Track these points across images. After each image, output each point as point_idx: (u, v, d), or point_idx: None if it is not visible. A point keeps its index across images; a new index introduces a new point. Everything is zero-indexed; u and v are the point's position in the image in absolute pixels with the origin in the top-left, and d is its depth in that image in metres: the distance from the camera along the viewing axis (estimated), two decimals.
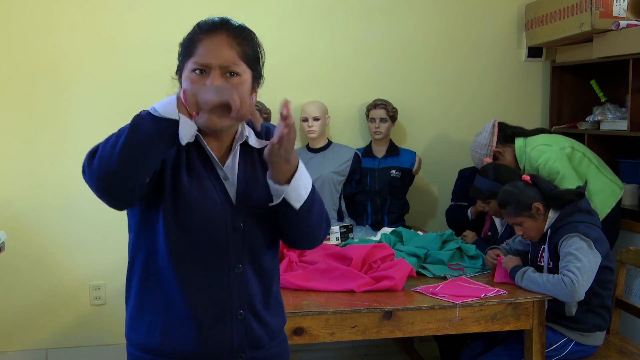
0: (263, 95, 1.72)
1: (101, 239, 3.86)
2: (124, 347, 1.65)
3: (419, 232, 3.36)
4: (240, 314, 1.56)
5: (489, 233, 3.44)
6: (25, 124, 3.79)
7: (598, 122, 3.82)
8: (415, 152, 4.00)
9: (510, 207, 2.84)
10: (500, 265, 2.83)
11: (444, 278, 2.83)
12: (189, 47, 1.52)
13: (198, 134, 1.53)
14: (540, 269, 2.80)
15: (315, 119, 3.84)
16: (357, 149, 3.98)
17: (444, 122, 4.22)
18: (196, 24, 1.56)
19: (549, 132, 3.68)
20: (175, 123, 1.34)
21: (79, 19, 3.79)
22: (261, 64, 1.60)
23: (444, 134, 4.23)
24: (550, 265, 2.78)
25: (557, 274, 2.63)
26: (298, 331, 2.45)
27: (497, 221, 3.39)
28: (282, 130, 1.39)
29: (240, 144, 1.58)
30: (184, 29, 1.60)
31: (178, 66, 1.56)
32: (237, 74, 1.51)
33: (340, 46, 4.08)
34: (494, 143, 3.51)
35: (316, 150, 3.90)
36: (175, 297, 1.53)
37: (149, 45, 3.82)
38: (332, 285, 2.65)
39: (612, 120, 3.72)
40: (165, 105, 1.35)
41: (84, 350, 3.92)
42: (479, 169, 3.42)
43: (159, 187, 1.50)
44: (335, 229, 3.39)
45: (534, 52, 4.24)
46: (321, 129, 3.86)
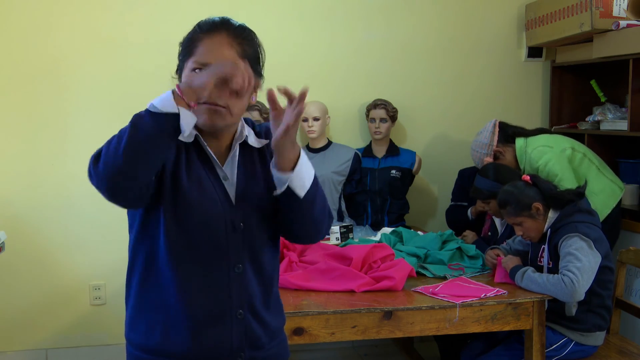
0: (263, 95, 1.72)
1: (101, 239, 3.86)
2: (123, 347, 1.65)
3: (419, 232, 3.36)
4: (239, 314, 1.56)
5: (489, 233, 3.44)
6: (25, 124, 3.79)
7: (598, 122, 3.82)
8: (415, 152, 4.00)
9: (510, 207, 2.85)
10: (500, 266, 2.83)
11: (444, 278, 2.83)
12: (189, 46, 1.52)
13: (197, 133, 1.53)
14: (540, 269, 2.80)
15: (315, 119, 3.84)
16: (357, 149, 3.98)
17: (444, 122, 4.22)
18: (196, 24, 1.56)
19: (550, 132, 3.68)
20: (175, 116, 1.34)
21: (79, 19, 3.79)
22: (261, 63, 1.60)
23: (444, 134, 4.23)
24: (550, 265, 2.78)
25: (557, 274, 2.64)
26: (298, 331, 2.45)
27: (497, 221, 3.39)
28: (292, 118, 1.41)
29: (240, 143, 1.59)
30: (184, 29, 1.60)
31: (178, 65, 1.56)
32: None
33: (340, 46, 4.08)
34: (495, 142, 3.51)
35: (316, 150, 3.89)
36: (175, 297, 1.53)
37: (149, 45, 3.82)
38: (332, 285, 2.65)
39: (612, 120, 3.72)
40: (163, 100, 1.35)
41: (84, 350, 3.92)
42: (479, 169, 3.42)
43: (159, 188, 1.50)
44: (335, 229, 3.39)
45: (534, 52, 4.24)
46: (321, 129, 3.86)
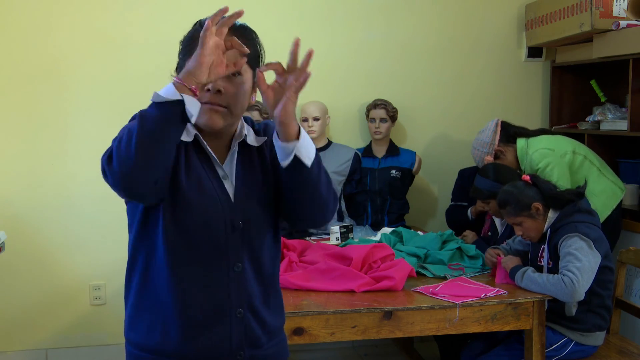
0: None
1: (101, 239, 3.86)
2: (123, 347, 1.64)
3: (419, 232, 3.36)
4: (239, 313, 1.56)
5: (489, 233, 3.44)
6: (25, 124, 3.79)
7: (598, 122, 3.82)
8: (415, 152, 4.00)
9: (510, 207, 2.85)
10: (500, 266, 2.83)
11: (444, 278, 2.83)
12: (190, 45, 1.52)
13: (197, 133, 1.53)
14: (540, 269, 2.80)
15: (315, 119, 3.84)
16: (357, 149, 3.97)
17: (444, 122, 4.22)
18: (197, 22, 1.56)
19: (551, 132, 3.67)
20: (180, 103, 1.36)
21: (79, 19, 3.79)
22: (262, 63, 1.60)
23: (444, 134, 4.23)
24: (550, 265, 2.78)
25: (557, 273, 2.64)
26: (298, 331, 2.45)
27: (497, 221, 3.39)
28: (301, 81, 1.45)
29: (239, 142, 1.59)
30: (184, 28, 1.60)
31: (178, 63, 1.56)
32: (239, 74, 1.52)
33: (340, 46, 4.07)
34: (496, 141, 3.50)
35: (316, 151, 3.88)
36: (174, 296, 1.53)
37: (149, 45, 3.82)
38: (332, 285, 2.65)
39: (612, 120, 3.72)
40: (166, 90, 1.37)
41: (84, 350, 3.92)
42: (479, 169, 3.42)
43: None
44: (335, 229, 3.39)
45: (534, 52, 4.24)
46: (321, 129, 3.86)
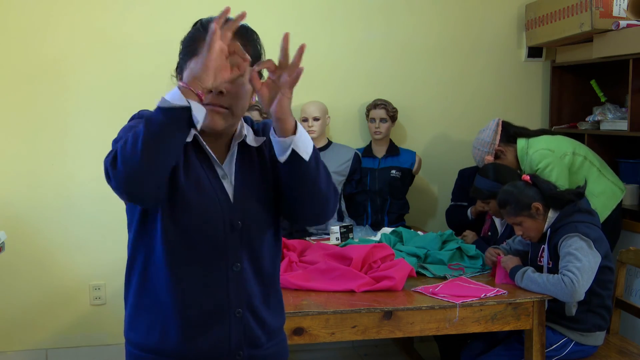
0: None
1: (101, 239, 3.86)
2: (123, 347, 1.64)
3: (419, 232, 3.36)
4: (238, 312, 1.56)
5: (489, 233, 3.44)
6: (25, 124, 3.79)
7: (598, 122, 3.82)
8: (415, 152, 4.00)
9: (510, 206, 2.85)
10: (500, 266, 2.82)
11: (444, 278, 2.83)
12: (192, 46, 1.51)
13: (197, 133, 1.53)
14: (540, 269, 2.80)
15: (315, 119, 3.84)
16: (357, 149, 3.97)
17: (444, 122, 4.22)
18: (199, 23, 1.55)
19: (551, 133, 3.67)
20: (187, 109, 1.35)
21: (79, 19, 3.79)
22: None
23: (444, 134, 4.23)
24: (550, 265, 2.78)
25: (557, 273, 2.64)
26: (298, 331, 2.45)
27: (497, 221, 3.39)
28: (292, 78, 1.41)
29: (239, 143, 1.59)
30: (184, 28, 1.59)
31: (178, 63, 1.55)
32: (241, 75, 1.51)
33: (340, 46, 4.07)
34: (497, 141, 3.50)
35: (314, 146, 3.88)
36: (174, 296, 1.52)
37: (149, 45, 3.82)
38: (332, 285, 2.65)
39: (612, 120, 3.72)
40: (173, 95, 1.36)
41: (84, 350, 3.92)
42: (479, 169, 3.42)
43: None
44: (335, 229, 3.39)
45: (534, 52, 4.24)
46: (321, 129, 3.86)
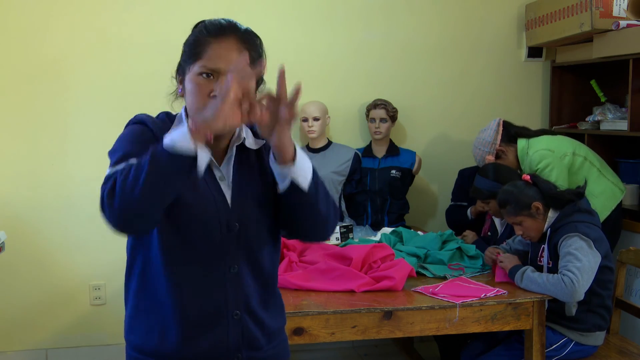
0: None
1: (101, 239, 3.85)
2: (123, 347, 1.64)
3: (419, 232, 3.36)
4: (236, 314, 1.56)
5: (488, 233, 3.44)
6: (25, 125, 3.79)
7: (598, 122, 3.82)
8: (415, 152, 4.00)
9: (510, 206, 2.85)
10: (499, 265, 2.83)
11: (444, 278, 2.83)
12: (195, 49, 1.50)
13: None
14: (540, 269, 2.80)
15: (315, 119, 3.83)
16: (357, 149, 3.97)
17: (444, 122, 4.22)
18: (201, 25, 1.54)
19: (552, 133, 3.67)
20: (193, 157, 1.34)
21: (79, 19, 3.79)
22: (264, 69, 1.59)
23: (444, 134, 4.23)
24: (550, 265, 2.78)
25: (557, 273, 2.64)
26: (298, 331, 2.45)
27: (497, 221, 3.39)
28: (290, 114, 1.41)
29: (238, 145, 1.58)
30: (183, 29, 1.59)
31: (180, 66, 1.55)
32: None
33: (340, 46, 4.07)
34: (498, 141, 3.50)
35: (316, 150, 3.89)
36: (173, 297, 1.52)
37: (149, 45, 3.82)
38: (332, 285, 2.65)
39: (612, 120, 3.72)
40: (180, 138, 1.33)
41: (84, 350, 3.92)
42: (479, 169, 3.42)
43: None
44: (335, 229, 3.38)
45: (534, 52, 4.24)
46: (321, 129, 3.86)
